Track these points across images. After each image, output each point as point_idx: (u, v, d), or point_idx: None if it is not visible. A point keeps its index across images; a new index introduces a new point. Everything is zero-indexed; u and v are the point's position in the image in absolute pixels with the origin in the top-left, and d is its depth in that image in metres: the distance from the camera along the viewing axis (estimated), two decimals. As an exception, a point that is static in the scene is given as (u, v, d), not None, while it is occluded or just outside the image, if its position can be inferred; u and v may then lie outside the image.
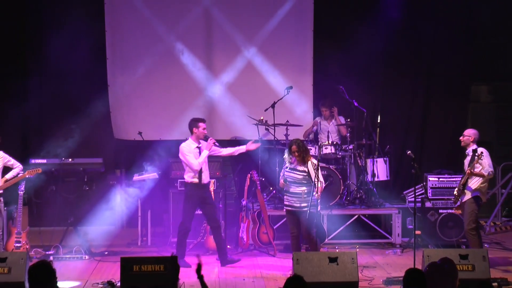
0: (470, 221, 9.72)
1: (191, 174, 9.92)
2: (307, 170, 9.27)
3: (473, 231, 9.70)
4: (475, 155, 9.47)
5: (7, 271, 8.56)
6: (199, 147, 9.95)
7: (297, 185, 9.34)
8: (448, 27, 13.10)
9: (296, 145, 9.33)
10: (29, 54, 12.84)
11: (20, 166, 9.85)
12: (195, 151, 9.92)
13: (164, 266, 8.55)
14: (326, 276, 8.56)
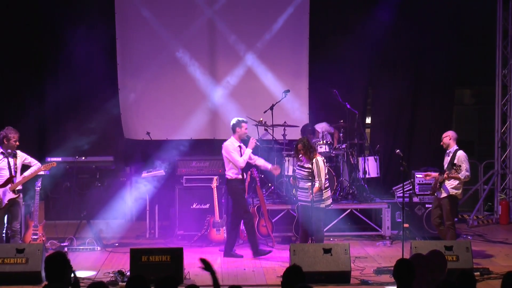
0: (450, 218, 9.75)
1: (235, 171, 9.91)
2: (311, 168, 9.24)
3: (452, 226, 9.75)
4: (453, 167, 9.54)
5: (24, 262, 8.58)
6: (240, 145, 9.95)
7: (304, 181, 9.33)
8: (434, 35, 13.09)
9: (302, 144, 9.33)
10: (46, 59, 12.83)
11: (38, 164, 9.83)
12: (238, 149, 9.94)
13: (170, 256, 8.58)
14: (321, 266, 8.58)
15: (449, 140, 9.84)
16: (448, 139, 9.84)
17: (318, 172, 9.22)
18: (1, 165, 9.45)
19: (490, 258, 9.92)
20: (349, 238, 10.97)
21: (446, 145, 9.85)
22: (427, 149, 13.31)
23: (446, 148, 9.88)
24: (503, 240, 11.28)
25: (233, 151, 9.92)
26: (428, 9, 12.96)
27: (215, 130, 13.01)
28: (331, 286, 8.32)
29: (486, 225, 12.64)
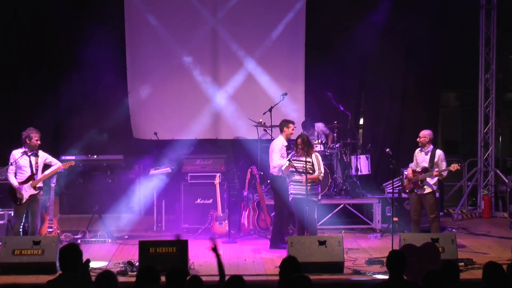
0: (435, 211, 9.80)
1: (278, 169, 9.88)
2: (311, 161, 9.27)
3: (436, 218, 9.81)
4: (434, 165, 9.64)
5: (41, 253, 8.59)
6: (287, 145, 9.95)
7: (298, 174, 9.32)
8: (422, 42, 13.08)
9: (301, 139, 9.34)
10: (60, 65, 12.83)
11: (58, 164, 9.83)
12: (284, 149, 9.95)
13: (176, 248, 8.57)
14: (316, 257, 8.58)
15: (427, 140, 9.85)
16: (427, 139, 9.84)
17: (318, 164, 9.28)
18: (23, 163, 9.46)
19: (473, 249, 9.91)
20: (342, 231, 10.97)
21: (423, 144, 9.85)
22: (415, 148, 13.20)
23: (422, 146, 9.88)
24: (486, 233, 11.28)
25: (277, 151, 9.89)
26: (416, 18, 12.93)
27: (218, 131, 13.02)
28: (325, 275, 8.29)
29: (470, 219, 12.64)
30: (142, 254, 8.49)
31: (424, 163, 9.81)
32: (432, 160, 9.73)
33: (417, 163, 9.90)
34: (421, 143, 9.87)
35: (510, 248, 6.74)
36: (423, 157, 9.86)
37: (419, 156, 9.91)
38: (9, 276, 8.36)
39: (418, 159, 9.90)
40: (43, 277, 7.29)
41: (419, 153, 9.92)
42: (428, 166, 9.73)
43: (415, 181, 9.78)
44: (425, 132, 9.91)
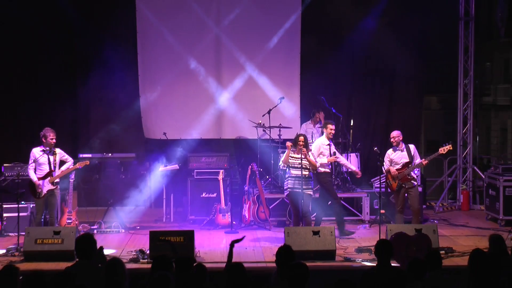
0: (419, 203, 9.91)
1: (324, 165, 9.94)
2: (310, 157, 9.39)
3: (420, 210, 9.95)
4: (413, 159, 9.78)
5: (60, 242, 8.66)
6: (329, 144, 9.97)
7: (295, 169, 9.39)
8: (407, 50, 13.07)
9: (303, 137, 9.48)
10: (78, 70, 12.82)
11: (71, 160, 9.86)
12: (327, 148, 9.96)
13: (183, 238, 8.61)
14: (310, 245, 8.62)
15: (400, 139, 9.92)
16: (400, 138, 9.92)
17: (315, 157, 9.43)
18: (42, 160, 9.49)
19: (453, 239, 9.95)
20: (334, 222, 10.96)
21: (397, 143, 9.90)
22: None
23: (396, 145, 9.90)
24: (464, 223, 11.31)
25: (314, 150, 9.93)
26: (401, 28, 12.95)
27: (221, 131, 13.02)
28: (319, 262, 8.35)
29: (450, 211, 12.66)
30: (153, 243, 8.53)
31: (403, 159, 9.84)
32: (410, 154, 9.82)
33: (393, 162, 9.89)
34: (395, 142, 9.91)
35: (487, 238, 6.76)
36: (400, 154, 9.90)
37: (395, 156, 9.92)
38: (32, 263, 8.43)
39: (395, 158, 9.91)
40: (62, 264, 7.31)
41: (393, 153, 9.95)
42: (409, 161, 9.78)
43: (403, 176, 9.79)
44: (397, 133, 10.00)
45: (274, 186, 11.56)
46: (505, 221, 10.91)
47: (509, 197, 11.02)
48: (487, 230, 10.18)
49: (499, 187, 11.09)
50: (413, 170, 9.83)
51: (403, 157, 9.86)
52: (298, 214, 9.48)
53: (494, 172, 11.61)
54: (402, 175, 9.80)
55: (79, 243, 6.19)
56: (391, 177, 9.86)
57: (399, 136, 9.93)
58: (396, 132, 10.00)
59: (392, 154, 9.94)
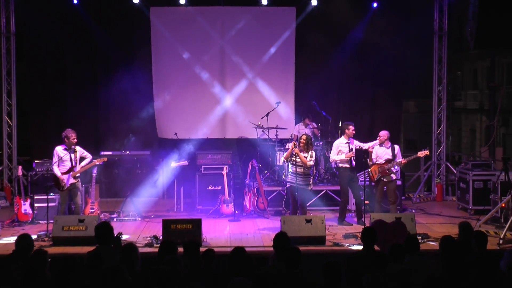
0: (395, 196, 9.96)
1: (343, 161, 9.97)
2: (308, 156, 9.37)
3: (396, 201, 10.00)
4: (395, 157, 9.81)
5: (84, 229, 8.67)
6: (348, 142, 9.98)
7: (295, 166, 9.38)
8: (388, 60, 13.07)
9: (306, 136, 9.50)
10: (100, 78, 12.79)
11: (90, 156, 9.85)
12: (345, 145, 9.97)
13: (192, 225, 8.61)
14: (303, 232, 8.64)
15: (386, 138, 9.95)
16: (385, 138, 9.95)
17: (311, 157, 9.42)
18: (65, 158, 9.50)
19: (429, 226, 9.97)
20: (324, 211, 10.99)
21: (383, 141, 9.93)
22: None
23: (382, 143, 9.92)
24: (438, 213, 11.33)
25: (334, 149, 10.05)
26: (383, 42, 12.95)
27: (225, 131, 13.03)
28: (311, 247, 8.35)
29: (426, 202, 12.67)
30: (165, 230, 8.54)
31: (387, 156, 9.87)
32: (393, 152, 9.85)
33: (378, 157, 9.91)
34: (380, 141, 9.93)
35: (458, 225, 6.79)
36: (384, 151, 9.92)
37: (380, 151, 9.93)
38: (59, 247, 8.44)
39: (380, 153, 9.92)
40: (86, 248, 7.31)
41: (379, 148, 9.95)
42: (391, 158, 9.81)
43: (383, 170, 9.81)
44: (385, 132, 10.03)
45: (271, 180, 11.58)
46: (474, 210, 10.93)
47: (478, 190, 11.04)
48: (458, 218, 10.18)
49: (469, 181, 11.12)
50: (392, 166, 9.85)
51: (387, 154, 9.89)
52: (296, 205, 9.51)
53: (465, 168, 11.62)
54: (382, 168, 9.82)
55: (98, 230, 6.21)
56: (373, 169, 9.88)
57: (384, 136, 9.94)
58: (384, 132, 10.03)
59: (379, 149, 9.95)
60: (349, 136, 10.06)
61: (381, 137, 9.95)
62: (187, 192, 11.46)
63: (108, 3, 12.70)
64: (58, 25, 12.62)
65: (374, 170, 9.88)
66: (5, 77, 12.57)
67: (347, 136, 10.07)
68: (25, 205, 10.22)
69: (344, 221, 10.07)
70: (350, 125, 10.10)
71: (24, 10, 12.52)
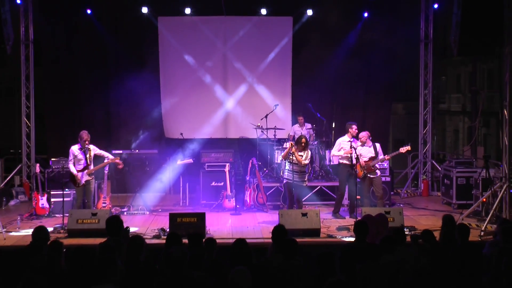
0: (381, 191, 9.90)
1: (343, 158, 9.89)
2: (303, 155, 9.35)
3: (383, 196, 9.95)
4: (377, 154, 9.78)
5: (97, 222, 8.65)
6: (350, 141, 9.89)
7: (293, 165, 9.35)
8: (378, 65, 13.08)
9: (305, 139, 9.45)
10: (111, 81, 12.72)
11: (109, 155, 9.85)
12: (348, 143, 9.84)
13: (197, 218, 8.59)
14: (300, 224, 8.62)
15: (366, 138, 9.90)
16: (365, 138, 9.90)
17: (306, 157, 9.37)
18: (80, 157, 9.50)
19: (415, 219, 9.96)
20: (319, 206, 11.00)
21: (364, 142, 9.88)
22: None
23: (363, 144, 9.87)
24: (424, 207, 11.31)
25: (337, 145, 9.96)
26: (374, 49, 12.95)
27: (227, 131, 13.03)
28: (307, 238, 8.32)
29: (413, 196, 12.66)
30: (172, 223, 8.53)
31: (370, 154, 9.84)
32: (375, 150, 9.84)
33: (362, 156, 9.78)
34: (361, 141, 9.89)
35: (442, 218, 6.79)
36: (367, 149, 9.87)
37: (363, 150, 9.86)
38: (74, 239, 8.43)
39: (364, 153, 9.84)
40: (98, 239, 7.30)
41: (362, 148, 9.87)
42: (374, 155, 9.80)
43: (368, 167, 9.79)
44: (364, 133, 10.00)
45: (270, 177, 11.56)
46: (457, 204, 10.92)
47: (461, 186, 11.03)
48: (442, 212, 10.13)
49: (453, 177, 11.11)
50: (376, 163, 9.81)
51: (370, 152, 9.87)
52: (293, 199, 9.50)
53: (449, 165, 11.61)
54: (367, 165, 9.80)
55: (109, 223, 6.20)
56: (359, 167, 9.83)
57: (364, 136, 9.92)
58: (363, 133, 10.00)
59: (361, 149, 9.88)
60: (352, 135, 9.98)
61: (362, 138, 9.92)
62: (192, 188, 11.45)
63: (119, 13, 12.69)
64: (73, 33, 12.63)
65: (361, 167, 9.85)
66: (24, 81, 12.59)
67: (350, 135, 9.98)
68: (42, 200, 10.23)
69: (338, 214, 10.05)
70: (353, 125, 10.02)
71: (42, 19, 12.53)
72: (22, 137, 12.65)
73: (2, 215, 9.57)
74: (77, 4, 12.22)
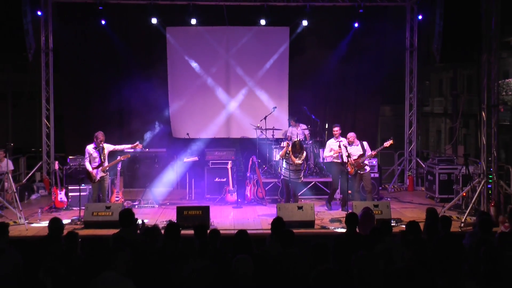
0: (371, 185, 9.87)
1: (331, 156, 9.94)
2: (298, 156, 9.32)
3: (372, 190, 9.92)
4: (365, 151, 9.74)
5: (111, 214, 8.66)
6: (339, 141, 9.90)
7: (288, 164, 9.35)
8: (367, 72, 13.07)
9: (298, 143, 9.40)
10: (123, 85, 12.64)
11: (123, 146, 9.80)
12: (336, 144, 9.90)
13: (201, 211, 8.59)
14: (296, 217, 8.62)
15: (354, 138, 9.87)
16: (353, 138, 9.89)
17: (301, 156, 9.31)
18: (95, 155, 9.47)
19: (401, 212, 9.95)
20: (313, 200, 10.98)
21: (352, 141, 9.86)
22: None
23: (351, 143, 9.84)
24: (410, 201, 11.30)
25: (326, 147, 10.09)
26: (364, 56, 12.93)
27: (229, 131, 13.00)
28: (302, 229, 8.32)
29: (399, 191, 12.64)
30: (179, 215, 8.53)
31: (358, 152, 9.81)
32: (363, 148, 9.80)
33: (352, 154, 9.76)
34: (349, 141, 9.88)
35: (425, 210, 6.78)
36: (355, 148, 9.84)
37: (352, 149, 9.84)
38: (89, 230, 8.45)
39: (353, 151, 9.81)
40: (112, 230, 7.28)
41: (351, 148, 9.85)
42: (362, 153, 9.76)
43: (358, 164, 9.77)
44: (351, 134, 10.02)
45: (269, 173, 11.54)
46: (439, 198, 10.91)
47: (443, 181, 11.02)
48: (426, 205, 10.14)
49: (435, 174, 11.09)
50: (365, 159, 9.78)
51: (358, 151, 9.84)
52: (289, 194, 9.48)
53: (432, 163, 11.60)
54: (357, 163, 9.78)
55: (121, 215, 6.18)
56: (350, 165, 9.80)
57: (353, 137, 9.92)
58: (350, 133, 10.02)
59: (350, 149, 9.83)
60: (335, 136, 9.99)
61: (349, 138, 9.91)
62: (197, 183, 11.43)
63: (131, 23, 12.67)
64: (88, 42, 12.62)
65: (351, 165, 9.83)
66: (44, 86, 12.60)
67: (335, 137, 10.02)
68: (61, 194, 10.22)
69: (329, 204, 10.04)
70: (334, 127, 10.09)
71: (60, 29, 12.55)
72: (42, 137, 12.64)
73: (24, 208, 9.55)
74: (92, 16, 12.20)
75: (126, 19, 12.62)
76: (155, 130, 11.99)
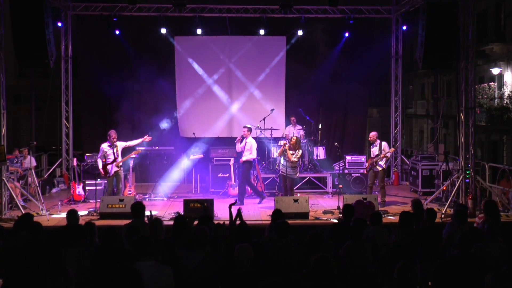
0: (384, 181, 9.78)
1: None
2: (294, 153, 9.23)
3: (384, 186, 9.78)
4: (382, 151, 9.48)
5: (124, 206, 8.63)
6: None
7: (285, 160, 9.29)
8: (356, 77, 13.01)
9: (296, 138, 9.32)
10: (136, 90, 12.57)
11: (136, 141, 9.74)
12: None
13: (206, 203, 8.53)
14: (292, 209, 8.59)
15: (375, 138, 9.73)
16: (375, 137, 9.73)
17: (297, 155, 9.26)
18: (109, 152, 9.43)
19: (388, 204, 9.90)
20: (308, 193, 10.94)
21: (373, 140, 9.74)
22: (352, 143, 13.32)
23: (372, 142, 9.74)
24: (395, 194, 11.29)
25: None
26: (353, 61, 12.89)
27: (231, 131, 12.95)
28: (298, 220, 8.32)
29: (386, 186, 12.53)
30: (186, 207, 8.50)
31: (376, 152, 9.69)
32: (380, 149, 9.61)
33: (372, 153, 9.74)
34: (371, 139, 9.76)
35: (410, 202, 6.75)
36: (374, 148, 9.71)
37: (373, 149, 9.75)
38: (104, 220, 8.43)
39: (373, 151, 9.73)
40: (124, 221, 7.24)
41: (372, 148, 9.74)
42: (378, 153, 9.61)
43: (371, 163, 9.72)
44: (372, 133, 9.83)
45: (267, 169, 11.51)
46: (422, 192, 10.91)
47: (425, 176, 11.01)
48: (410, 198, 10.11)
49: (419, 170, 11.07)
50: (377, 160, 9.62)
51: (376, 151, 9.73)
52: (286, 188, 9.44)
53: (415, 160, 11.57)
54: (370, 162, 9.73)
55: (133, 208, 6.16)
56: (369, 163, 9.70)
57: (373, 136, 9.73)
58: (372, 133, 9.85)
59: (372, 148, 9.73)
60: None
61: (370, 138, 9.77)
62: (202, 178, 11.40)
63: (142, 33, 12.62)
64: (104, 50, 12.59)
65: (369, 162, 9.77)
66: (64, 90, 12.59)
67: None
68: (78, 188, 10.20)
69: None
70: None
71: (79, 38, 12.53)
72: (62, 136, 12.61)
73: (46, 200, 9.54)
74: (107, 26, 12.18)
75: (138, 30, 12.58)
76: (164, 130, 11.96)
